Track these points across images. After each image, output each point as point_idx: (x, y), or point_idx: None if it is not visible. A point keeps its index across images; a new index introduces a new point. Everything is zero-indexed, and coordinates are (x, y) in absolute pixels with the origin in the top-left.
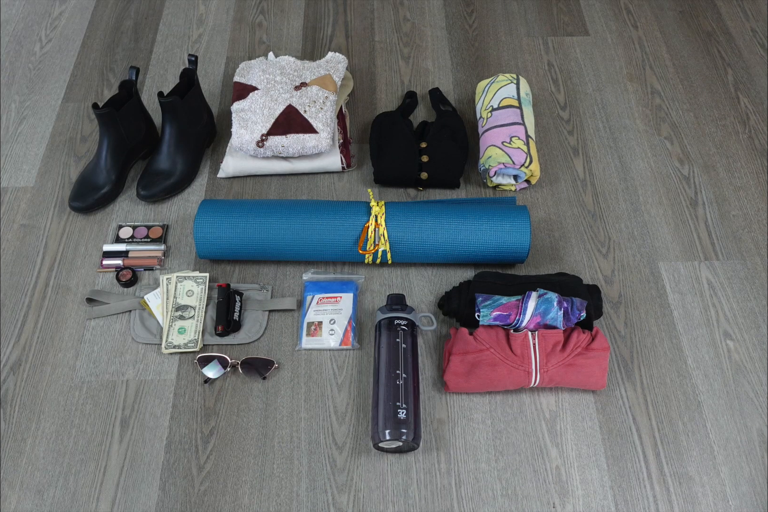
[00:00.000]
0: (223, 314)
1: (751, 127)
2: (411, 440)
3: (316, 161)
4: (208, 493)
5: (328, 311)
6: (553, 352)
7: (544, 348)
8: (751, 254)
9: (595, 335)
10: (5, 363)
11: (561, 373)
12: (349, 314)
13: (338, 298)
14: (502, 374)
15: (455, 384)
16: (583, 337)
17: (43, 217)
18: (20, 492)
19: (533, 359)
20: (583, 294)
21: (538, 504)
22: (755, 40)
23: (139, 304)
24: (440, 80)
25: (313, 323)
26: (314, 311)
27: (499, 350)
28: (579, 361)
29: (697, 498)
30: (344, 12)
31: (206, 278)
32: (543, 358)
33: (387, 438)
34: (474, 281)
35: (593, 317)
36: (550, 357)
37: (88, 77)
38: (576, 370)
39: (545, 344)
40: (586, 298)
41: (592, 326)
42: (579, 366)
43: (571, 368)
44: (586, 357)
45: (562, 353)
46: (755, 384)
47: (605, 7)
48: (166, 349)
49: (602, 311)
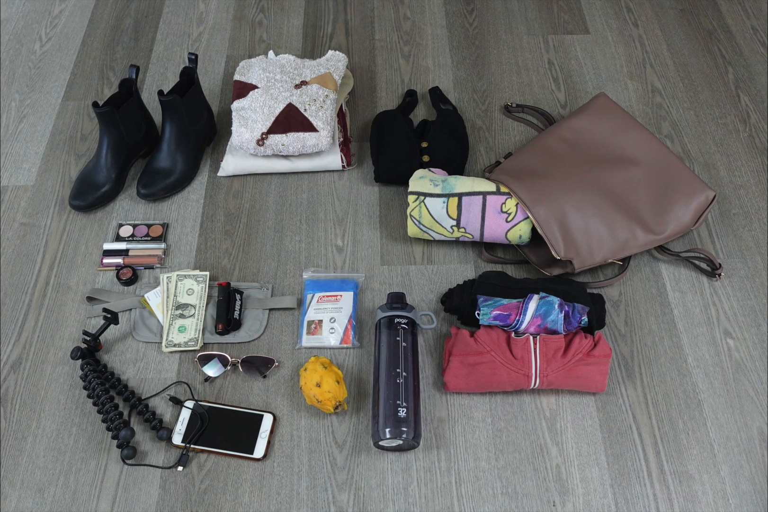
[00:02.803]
0: (224, 312)
1: (752, 125)
2: (411, 438)
3: (317, 159)
4: (208, 491)
5: (329, 310)
6: (554, 357)
7: (545, 353)
8: (752, 252)
9: (597, 341)
10: (6, 362)
11: (561, 378)
12: (349, 312)
13: (338, 296)
14: (502, 377)
15: (455, 385)
16: (585, 343)
17: (44, 215)
18: (21, 490)
19: (533, 364)
20: (586, 304)
21: (539, 503)
22: (756, 38)
23: (140, 303)
24: (440, 79)
25: (313, 321)
26: (314, 309)
27: (500, 353)
28: (579, 367)
29: (697, 497)
30: (344, 10)
31: (206, 276)
32: (543, 363)
33: (387, 437)
34: (477, 282)
35: (595, 327)
36: (550, 362)
37: (88, 76)
38: (576, 375)
39: (546, 349)
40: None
41: (593, 334)
42: (579, 371)
43: (572, 373)
44: (586, 363)
45: (563, 358)
46: (755, 382)
47: (606, 6)
48: (166, 347)
49: (605, 321)
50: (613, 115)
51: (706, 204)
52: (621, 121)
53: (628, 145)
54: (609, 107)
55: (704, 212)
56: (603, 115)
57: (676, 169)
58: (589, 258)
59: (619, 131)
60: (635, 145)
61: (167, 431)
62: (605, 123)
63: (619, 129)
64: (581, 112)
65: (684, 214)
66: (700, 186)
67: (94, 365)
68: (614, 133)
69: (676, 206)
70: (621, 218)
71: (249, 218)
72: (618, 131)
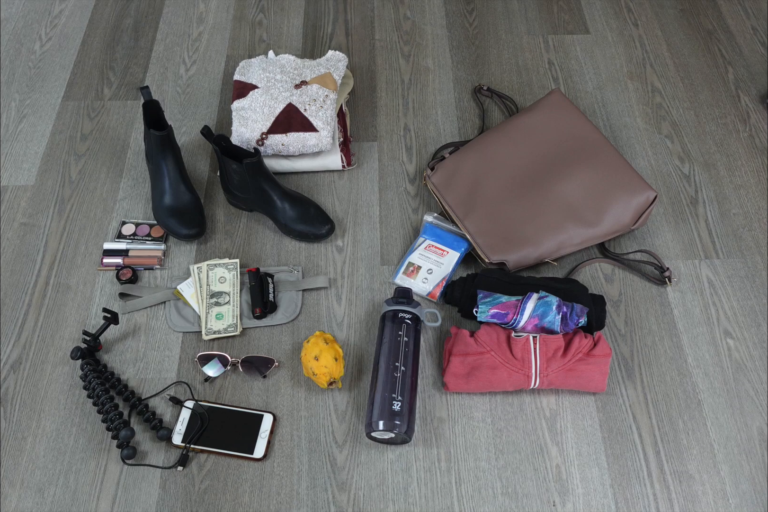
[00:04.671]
0: (258, 296)
1: (752, 125)
2: (404, 432)
3: (317, 159)
4: (208, 491)
5: (431, 261)
6: (554, 357)
7: (545, 353)
8: (752, 252)
9: (597, 340)
10: (6, 362)
11: (561, 377)
12: (448, 271)
13: (445, 252)
14: (502, 377)
15: (455, 385)
16: (585, 342)
17: (44, 215)
18: (21, 490)
19: (533, 364)
20: (587, 304)
21: (539, 503)
22: (756, 38)
23: (173, 294)
24: (440, 79)
25: (413, 264)
26: (419, 254)
27: (500, 353)
28: (579, 366)
29: (697, 497)
30: (344, 10)
31: (237, 263)
32: (543, 363)
33: (380, 428)
34: (479, 275)
35: (594, 328)
36: (550, 362)
37: (88, 76)
38: (576, 375)
39: (546, 349)
40: (590, 309)
41: (593, 333)
42: (579, 371)
43: (572, 373)
44: (586, 363)
45: (563, 358)
46: (755, 382)
47: (606, 6)
48: (206, 335)
49: (605, 322)
50: (563, 114)
51: (647, 204)
52: (570, 120)
53: (574, 144)
54: (561, 105)
55: (644, 212)
56: (553, 113)
57: (621, 168)
58: (524, 259)
59: (567, 129)
60: (582, 144)
61: (167, 431)
62: (554, 122)
63: (568, 128)
64: (532, 110)
65: (623, 213)
66: (642, 186)
67: (94, 365)
68: (562, 132)
69: (616, 203)
70: (559, 218)
71: (249, 218)
72: (566, 130)
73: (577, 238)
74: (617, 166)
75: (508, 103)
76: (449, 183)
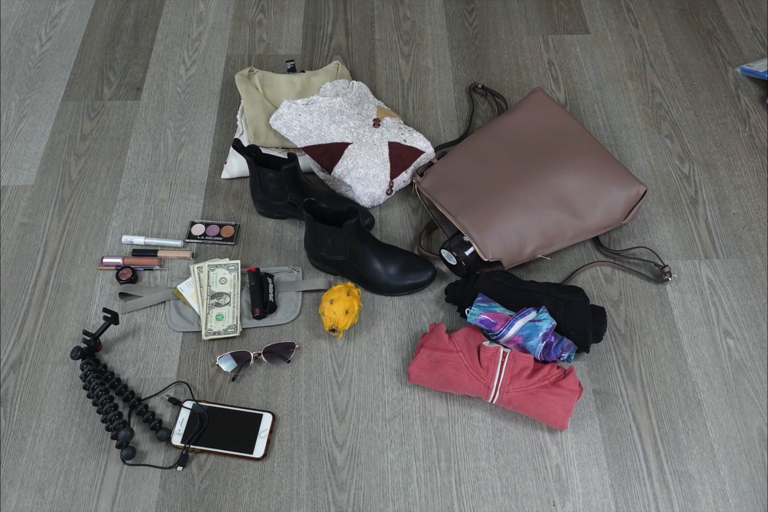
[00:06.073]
0: (258, 297)
1: (752, 125)
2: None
3: None
4: (208, 491)
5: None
6: (518, 376)
7: (511, 369)
8: (752, 252)
9: (567, 373)
10: (5, 362)
11: (521, 399)
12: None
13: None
14: (463, 380)
15: (417, 376)
16: (554, 372)
17: (43, 215)
18: (21, 490)
19: (497, 376)
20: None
21: (538, 503)
22: (755, 38)
23: (173, 294)
24: (440, 79)
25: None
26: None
27: (468, 356)
28: (542, 394)
29: (697, 497)
30: (344, 10)
31: (238, 265)
32: (507, 378)
33: None
34: (481, 277)
35: (590, 341)
36: (513, 380)
37: (88, 76)
38: (537, 401)
39: (513, 365)
40: (587, 323)
41: (588, 349)
42: (540, 399)
43: (533, 397)
44: (550, 392)
45: (528, 379)
46: (755, 382)
47: (605, 6)
48: (206, 336)
49: (603, 336)
50: (548, 112)
51: (637, 198)
52: (556, 118)
53: (562, 141)
54: (544, 103)
55: (635, 206)
56: (538, 111)
57: (609, 164)
58: (518, 256)
59: (553, 126)
60: (570, 140)
61: (167, 431)
62: (540, 120)
63: (554, 125)
64: (517, 110)
65: (614, 206)
66: (631, 180)
67: (94, 365)
68: (549, 129)
69: (607, 196)
70: (551, 212)
71: (249, 219)
72: (552, 127)
73: (570, 232)
74: (606, 161)
75: (500, 101)
76: (440, 186)
